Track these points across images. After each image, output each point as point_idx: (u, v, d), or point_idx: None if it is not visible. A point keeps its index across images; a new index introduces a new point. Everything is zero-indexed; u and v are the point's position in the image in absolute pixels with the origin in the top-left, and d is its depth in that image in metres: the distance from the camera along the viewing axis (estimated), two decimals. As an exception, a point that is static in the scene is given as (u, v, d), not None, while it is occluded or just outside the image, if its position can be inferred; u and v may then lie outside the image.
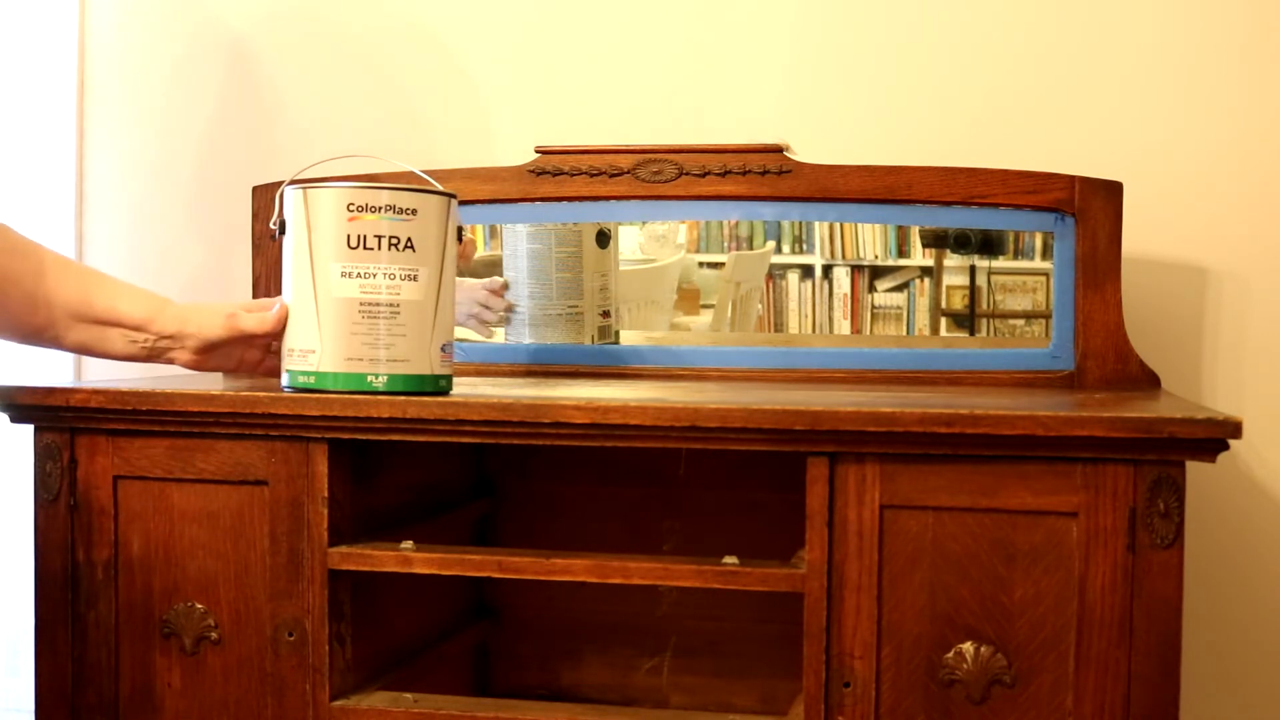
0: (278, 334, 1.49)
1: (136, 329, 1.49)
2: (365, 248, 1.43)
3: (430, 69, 2.07)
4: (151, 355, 1.51)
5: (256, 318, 1.49)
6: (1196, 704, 1.85)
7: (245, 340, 1.51)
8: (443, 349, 1.47)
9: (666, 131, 1.93)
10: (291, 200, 1.46)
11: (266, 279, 1.91)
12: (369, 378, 1.43)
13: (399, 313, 1.43)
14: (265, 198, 1.89)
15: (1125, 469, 1.31)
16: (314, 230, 1.44)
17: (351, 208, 1.43)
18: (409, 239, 1.44)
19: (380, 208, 1.43)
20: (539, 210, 1.87)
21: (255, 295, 1.91)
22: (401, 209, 1.43)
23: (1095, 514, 1.32)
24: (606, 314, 1.93)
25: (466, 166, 1.86)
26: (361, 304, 1.43)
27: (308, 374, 1.45)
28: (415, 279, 1.44)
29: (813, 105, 1.96)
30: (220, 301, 1.80)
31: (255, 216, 1.92)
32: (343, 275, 1.43)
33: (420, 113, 2.07)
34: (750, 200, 1.81)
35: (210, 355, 1.51)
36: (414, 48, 2.07)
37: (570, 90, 2.03)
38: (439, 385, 1.47)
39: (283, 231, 1.47)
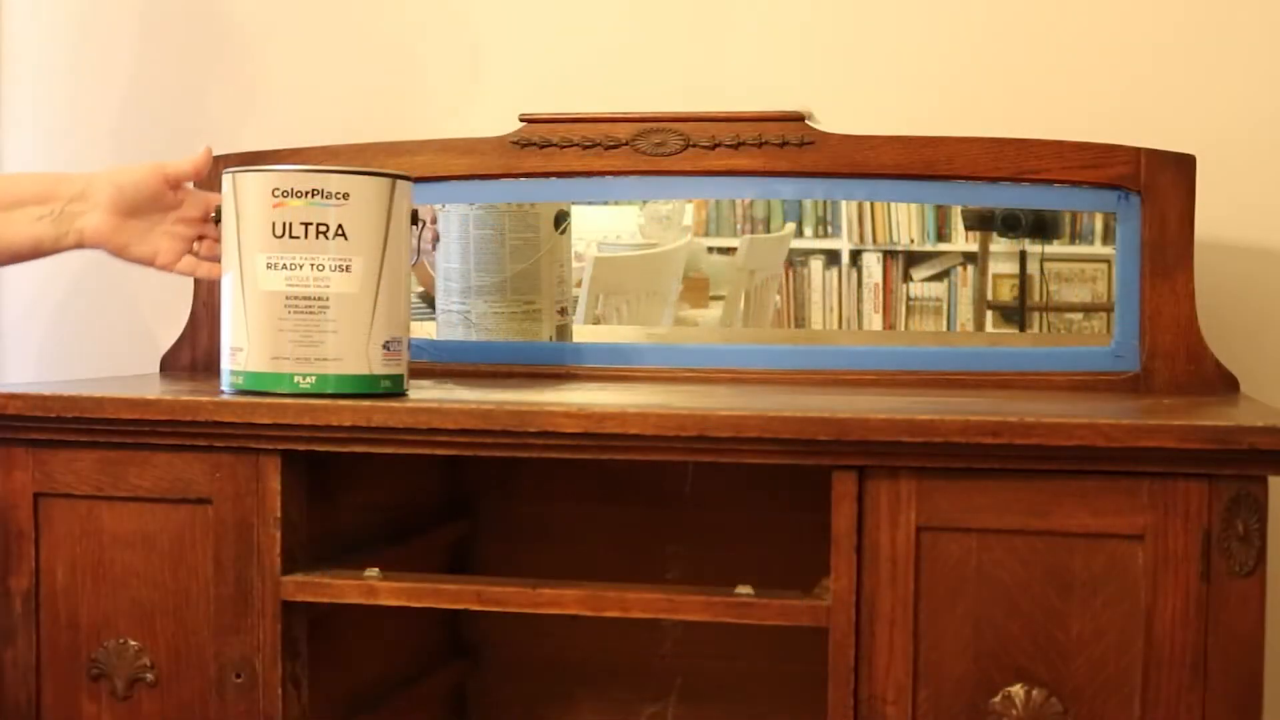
0: (204, 175, 1.55)
1: (41, 202, 1.53)
2: (291, 236, 1.46)
3: (409, 27, 2.07)
4: (60, 232, 1.53)
5: (182, 160, 1.55)
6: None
7: (171, 195, 1.56)
8: (386, 346, 1.50)
9: (668, 99, 1.92)
10: (225, 186, 1.50)
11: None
12: (296, 378, 1.46)
13: (329, 307, 1.46)
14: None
15: (1199, 485, 1.31)
16: (241, 218, 1.49)
17: (276, 193, 1.46)
18: (340, 226, 1.46)
19: (306, 192, 1.46)
20: (523, 188, 1.87)
21: None
22: (330, 193, 1.46)
23: (1164, 537, 1.31)
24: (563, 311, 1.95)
25: (442, 137, 1.87)
26: (288, 298, 1.46)
27: (237, 373, 1.49)
28: (348, 270, 1.47)
29: (835, 67, 1.96)
30: None
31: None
32: (268, 266, 1.47)
33: (395, 82, 2.06)
34: (767, 175, 1.80)
35: (130, 220, 1.55)
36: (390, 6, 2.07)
37: (562, 53, 2.02)
38: (380, 386, 1.49)
39: (218, 220, 1.53)
